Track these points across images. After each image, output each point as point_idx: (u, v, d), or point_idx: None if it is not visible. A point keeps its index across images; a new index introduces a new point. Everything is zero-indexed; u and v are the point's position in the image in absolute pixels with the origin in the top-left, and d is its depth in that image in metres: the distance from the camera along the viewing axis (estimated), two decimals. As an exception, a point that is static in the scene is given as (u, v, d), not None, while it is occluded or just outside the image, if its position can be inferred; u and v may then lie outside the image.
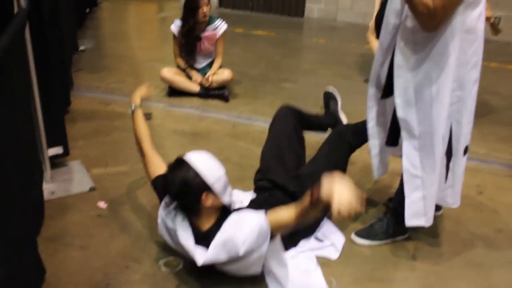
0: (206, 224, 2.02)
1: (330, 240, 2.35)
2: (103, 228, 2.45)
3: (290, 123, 2.69)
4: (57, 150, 2.83)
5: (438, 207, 2.48)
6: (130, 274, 2.14)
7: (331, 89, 3.25)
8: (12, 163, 1.85)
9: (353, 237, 2.40)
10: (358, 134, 2.58)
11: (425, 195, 2.13)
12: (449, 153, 2.14)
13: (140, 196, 2.71)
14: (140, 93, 2.52)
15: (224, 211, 2.06)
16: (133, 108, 2.43)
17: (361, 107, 2.39)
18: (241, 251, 1.88)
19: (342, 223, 2.51)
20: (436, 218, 2.55)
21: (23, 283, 1.88)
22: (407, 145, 2.10)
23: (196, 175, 1.98)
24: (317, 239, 2.35)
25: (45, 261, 2.13)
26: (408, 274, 2.22)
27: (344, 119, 3.12)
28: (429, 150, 2.06)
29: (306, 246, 2.30)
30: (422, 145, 2.07)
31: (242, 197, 2.48)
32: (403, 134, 2.09)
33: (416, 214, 2.17)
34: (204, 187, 1.97)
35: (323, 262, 2.23)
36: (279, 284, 2.05)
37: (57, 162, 2.92)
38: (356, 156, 2.73)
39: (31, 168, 2.31)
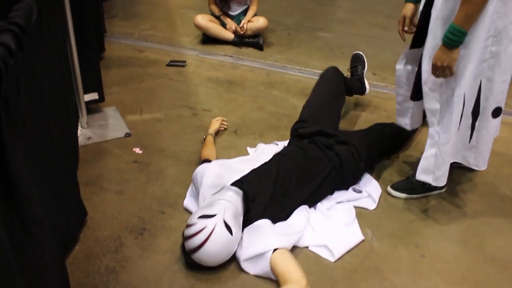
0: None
1: (367, 191, 2.28)
2: (139, 173, 2.43)
3: (334, 85, 2.64)
4: (92, 96, 2.79)
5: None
6: (166, 219, 2.13)
7: (360, 53, 3.10)
8: (52, 104, 1.82)
9: (390, 189, 2.31)
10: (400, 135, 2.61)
11: (437, 153, 2.03)
12: (475, 112, 2.01)
13: (175, 143, 2.67)
14: (214, 127, 2.69)
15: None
16: (205, 136, 2.61)
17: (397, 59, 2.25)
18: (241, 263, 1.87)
19: (378, 175, 2.43)
20: (475, 173, 2.44)
21: (65, 223, 1.89)
22: (429, 99, 2.00)
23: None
24: (355, 190, 2.28)
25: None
26: (445, 228, 2.14)
27: (368, 87, 3.00)
28: (449, 106, 1.94)
29: (344, 196, 2.23)
30: (443, 100, 1.96)
31: (266, 150, 2.43)
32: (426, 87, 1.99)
33: (426, 171, 2.09)
34: None
35: (359, 213, 2.17)
36: (316, 237, 2.01)
37: (92, 108, 2.89)
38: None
39: (68, 111, 2.28)
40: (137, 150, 2.59)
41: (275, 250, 1.80)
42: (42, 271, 1.42)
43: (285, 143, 2.50)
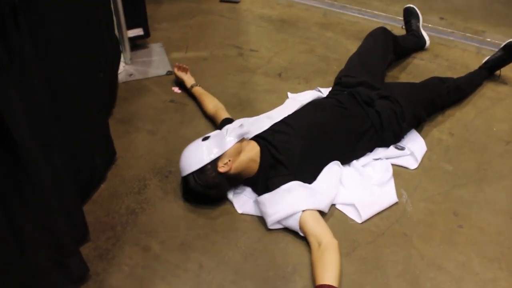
0: (251, 172, 1.83)
1: (410, 148, 2.03)
2: (174, 113, 2.33)
3: (381, 42, 2.35)
4: (137, 32, 2.68)
5: None
6: (192, 163, 2.03)
7: (412, 6, 2.72)
8: (84, 40, 1.74)
9: None
10: (458, 91, 2.29)
11: None
12: None
13: (216, 83, 2.52)
14: (187, 78, 2.45)
15: (263, 149, 1.83)
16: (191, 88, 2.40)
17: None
18: (268, 222, 1.71)
19: (427, 132, 2.16)
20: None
21: (95, 160, 1.85)
22: None
23: (196, 175, 1.74)
24: (397, 147, 2.04)
25: (114, 142, 2.08)
26: (492, 197, 1.86)
27: (427, 38, 2.63)
28: None
29: (383, 153, 2.00)
30: None
31: (303, 97, 2.21)
32: None
33: None
34: (207, 171, 1.73)
35: (397, 172, 1.95)
36: (345, 195, 1.83)
37: (138, 43, 2.79)
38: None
39: (105, 47, 2.19)
40: (176, 90, 2.48)
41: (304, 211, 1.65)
42: (49, 215, 1.38)
43: (328, 90, 2.27)
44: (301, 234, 1.67)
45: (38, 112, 1.33)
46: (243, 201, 1.84)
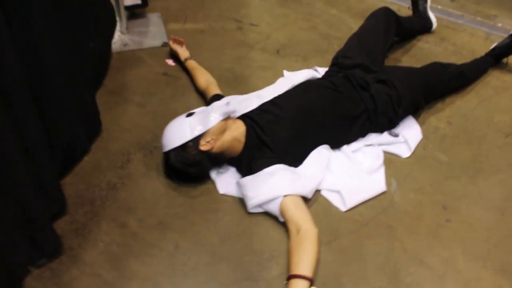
0: (235, 152, 1.76)
1: (404, 136, 1.94)
2: (166, 87, 2.25)
3: (383, 23, 2.21)
4: (135, 0, 2.58)
5: None
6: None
7: None
8: (73, 8, 1.67)
9: None
10: (460, 78, 2.18)
11: None
12: None
13: (211, 57, 2.43)
14: (182, 51, 2.36)
15: (248, 128, 1.76)
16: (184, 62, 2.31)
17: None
18: (248, 206, 1.66)
19: (424, 119, 2.06)
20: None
21: (78, 132, 1.80)
22: None
23: (177, 151, 1.68)
24: (391, 133, 1.95)
25: (103, 113, 2.03)
26: (484, 191, 1.78)
27: (434, 21, 2.51)
28: None
29: (376, 139, 1.92)
30: None
31: (296, 77, 2.12)
32: None
33: None
34: (189, 148, 1.67)
35: (389, 160, 1.87)
36: (332, 180, 1.76)
37: (136, 12, 2.69)
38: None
39: (99, 17, 2.11)
40: (170, 62, 2.40)
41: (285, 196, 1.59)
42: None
43: (325, 70, 2.17)
44: (281, 219, 1.61)
45: (11, 80, 1.27)
46: (226, 181, 1.78)
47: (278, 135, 1.72)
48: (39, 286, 1.48)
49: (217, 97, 1.99)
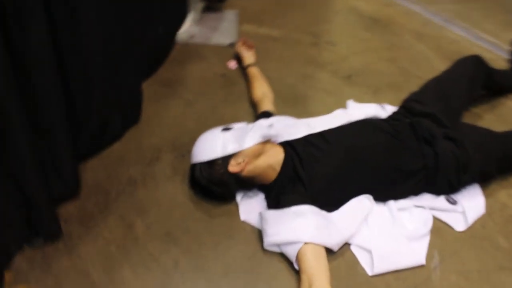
0: (267, 180, 1.58)
1: (463, 206, 1.66)
2: (220, 89, 2.12)
3: (470, 73, 1.91)
4: (213, -7, 2.48)
5: None
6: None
7: None
8: None
9: None
10: None
11: None
12: None
13: (275, 68, 2.27)
14: (249, 55, 2.20)
15: (287, 158, 1.57)
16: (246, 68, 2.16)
17: None
18: (265, 242, 1.47)
19: (491, 192, 1.76)
20: None
21: (113, 117, 1.71)
22: None
23: (204, 166, 1.53)
24: (449, 199, 1.68)
25: (148, 103, 1.93)
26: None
27: None
28: None
29: (429, 201, 1.65)
30: None
31: (358, 111, 1.90)
32: None
33: None
34: (217, 165, 1.51)
35: (437, 229, 1.60)
36: (366, 236, 1.53)
37: (212, 6, 2.59)
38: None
39: (164, 5, 2.02)
40: (232, 65, 2.26)
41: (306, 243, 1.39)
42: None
43: (393, 110, 1.93)
44: (296, 267, 1.41)
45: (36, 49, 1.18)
46: (250, 207, 1.61)
47: (317, 173, 1.52)
48: (26, 268, 1.39)
49: (266, 115, 1.82)
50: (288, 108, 2.03)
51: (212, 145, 1.52)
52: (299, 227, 1.42)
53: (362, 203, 1.56)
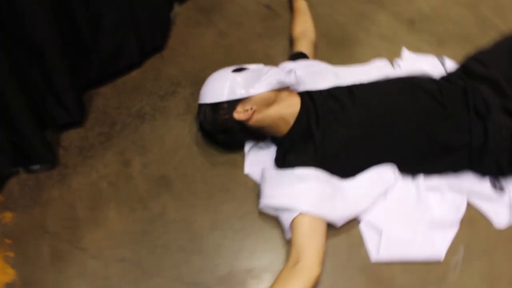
0: (278, 132, 1.38)
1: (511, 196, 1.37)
2: (259, 22, 1.88)
3: None
4: None
5: None
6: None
7: None
8: None
9: None
10: None
11: None
12: None
13: (329, 3, 1.97)
14: None
15: (302, 111, 1.34)
16: None
17: None
18: (260, 203, 1.31)
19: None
20: None
21: (132, 42, 1.57)
22: None
23: (208, 109, 1.36)
24: (495, 184, 1.39)
25: (178, 29, 1.79)
26: None
27: None
28: None
29: (470, 184, 1.37)
30: None
31: (405, 64, 1.61)
32: None
33: None
34: (221, 110, 1.33)
35: (471, 219, 1.34)
36: (380, 214, 1.32)
37: None
38: None
39: None
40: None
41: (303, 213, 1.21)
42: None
43: (450, 69, 1.60)
44: (287, 237, 1.25)
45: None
46: (257, 160, 1.44)
47: (333, 133, 1.30)
48: (17, 192, 1.37)
49: (297, 57, 1.59)
50: (331, 51, 1.77)
51: (219, 86, 1.34)
52: (298, 192, 1.24)
53: (383, 175, 1.33)
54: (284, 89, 1.36)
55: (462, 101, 1.34)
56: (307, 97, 1.37)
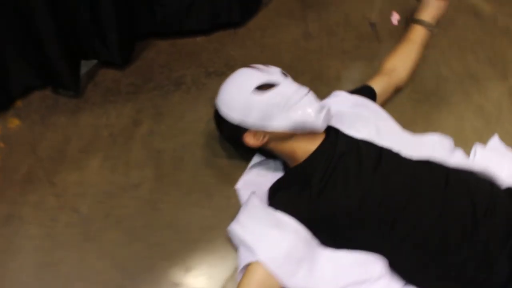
0: (289, 161, 1.21)
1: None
2: (354, 38, 1.67)
3: None
4: None
5: None
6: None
7: None
8: None
9: None
10: None
11: None
12: None
13: (443, 50, 1.67)
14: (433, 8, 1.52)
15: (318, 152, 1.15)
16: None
17: None
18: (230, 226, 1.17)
19: None
20: None
21: (208, 9, 1.52)
22: None
23: (218, 114, 1.20)
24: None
25: (265, 17, 1.68)
26: None
27: None
28: None
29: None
30: None
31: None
32: None
33: None
34: (232, 126, 1.17)
35: None
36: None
37: None
38: None
39: None
40: (395, 18, 1.73)
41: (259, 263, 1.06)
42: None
43: None
44: (237, 278, 1.11)
45: None
46: (254, 181, 1.30)
47: (333, 195, 1.10)
48: (34, 104, 1.43)
49: (364, 92, 1.36)
50: (410, 101, 1.51)
51: (234, 100, 1.16)
52: (267, 238, 1.08)
53: (368, 264, 1.11)
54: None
55: (506, 232, 1.04)
56: (332, 138, 1.17)
